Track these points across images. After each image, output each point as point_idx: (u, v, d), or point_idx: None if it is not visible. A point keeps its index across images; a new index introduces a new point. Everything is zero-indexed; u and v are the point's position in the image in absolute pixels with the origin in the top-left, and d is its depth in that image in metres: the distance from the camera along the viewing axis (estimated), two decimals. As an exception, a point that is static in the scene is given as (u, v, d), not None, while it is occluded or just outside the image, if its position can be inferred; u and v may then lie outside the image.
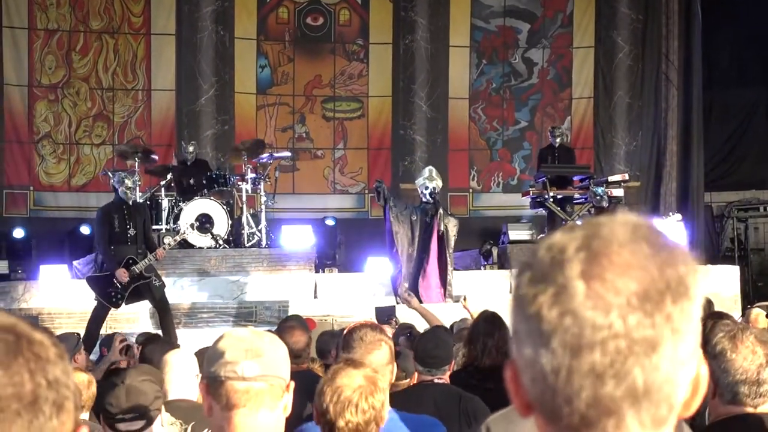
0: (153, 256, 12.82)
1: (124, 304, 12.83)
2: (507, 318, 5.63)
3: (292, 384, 2.80)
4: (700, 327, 1.29)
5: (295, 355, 4.97)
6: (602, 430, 1.24)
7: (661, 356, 1.23)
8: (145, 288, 12.86)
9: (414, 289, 13.61)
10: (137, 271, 12.68)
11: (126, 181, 12.92)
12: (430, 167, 14.53)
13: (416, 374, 6.27)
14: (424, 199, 13.98)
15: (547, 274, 1.26)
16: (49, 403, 1.24)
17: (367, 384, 3.48)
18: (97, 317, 12.70)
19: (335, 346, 6.79)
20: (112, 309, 12.89)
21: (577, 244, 1.27)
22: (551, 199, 16.81)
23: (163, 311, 12.97)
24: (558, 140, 18.23)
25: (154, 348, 7.00)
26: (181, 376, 4.99)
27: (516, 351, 1.30)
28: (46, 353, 1.27)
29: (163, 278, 14.07)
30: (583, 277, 1.24)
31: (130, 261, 12.67)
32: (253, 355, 2.69)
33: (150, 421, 4.05)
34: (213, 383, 2.75)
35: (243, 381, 2.69)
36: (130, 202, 12.96)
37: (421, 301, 12.66)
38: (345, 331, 4.61)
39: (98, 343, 10.78)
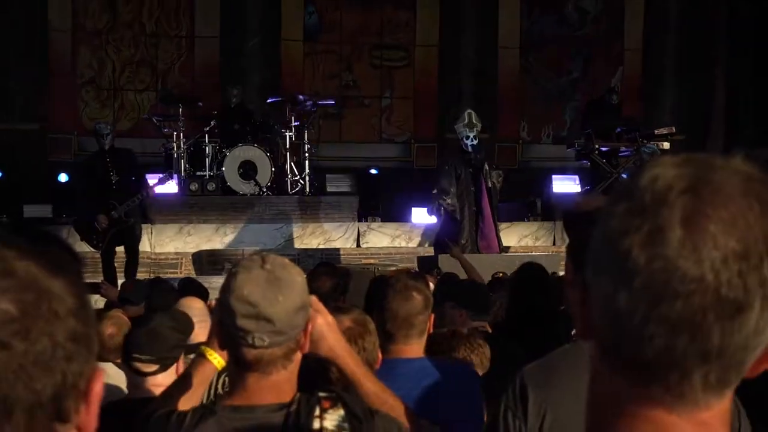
0: (137, 199, 13.42)
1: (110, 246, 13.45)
2: (551, 268, 5.60)
3: (310, 327, 2.69)
4: None
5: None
6: (665, 380, 1.19)
7: (745, 321, 1.16)
8: (126, 233, 13.42)
9: (473, 246, 13.30)
10: (116, 216, 13.16)
11: (102, 129, 13.67)
12: (469, 111, 13.63)
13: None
14: (464, 149, 13.29)
15: (646, 210, 1.17)
16: (68, 356, 1.19)
17: (355, 326, 3.45)
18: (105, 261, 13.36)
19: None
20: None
21: (684, 184, 1.18)
22: (596, 152, 16.62)
23: (131, 258, 13.53)
24: (614, 99, 18.06)
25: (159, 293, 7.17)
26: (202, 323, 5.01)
27: (592, 278, 1.23)
28: (66, 307, 1.20)
29: (206, 225, 14.24)
30: (683, 223, 1.16)
31: (111, 206, 13.17)
32: (264, 324, 2.58)
33: (164, 367, 4.05)
34: (224, 334, 2.66)
35: (253, 349, 2.60)
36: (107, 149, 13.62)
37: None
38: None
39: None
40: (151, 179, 14.17)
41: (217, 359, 3.04)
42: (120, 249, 13.58)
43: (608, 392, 1.25)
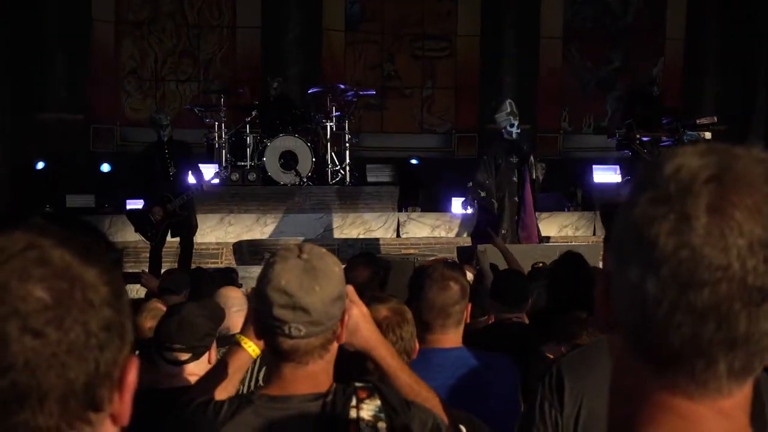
0: (192, 192, 13.35)
1: (162, 238, 13.40)
2: (591, 258, 5.52)
3: (346, 317, 2.70)
4: None
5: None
6: (690, 368, 1.20)
7: None
8: (181, 226, 13.36)
9: (513, 236, 13.19)
10: (171, 209, 13.12)
11: (162, 120, 13.49)
12: (509, 101, 13.64)
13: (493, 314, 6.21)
14: (508, 137, 13.15)
15: (671, 198, 1.19)
16: (101, 345, 1.21)
17: (392, 315, 3.46)
18: (154, 251, 13.36)
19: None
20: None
21: (709, 173, 1.19)
22: (637, 141, 16.50)
23: (186, 250, 13.49)
24: (656, 91, 17.91)
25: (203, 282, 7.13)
26: (241, 312, 5.00)
27: (616, 268, 1.24)
28: (100, 296, 1.22)
29: (247, 215, 14.22)
30: (709, 211, 1.17)
31: (166, 198, 13.12)
32: (301, 314, 2.58)
33: (196, 356, 4.06)
34: (260, 323, 2.67)
35: (290, 339, 2.61)
36: (166, 141, 13.48)
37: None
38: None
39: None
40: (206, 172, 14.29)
41: (252, 347, 3.06)
42: (170, 241, 13.60)
43: (631, 382, 1.26)
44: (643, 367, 1.24)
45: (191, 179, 13.59)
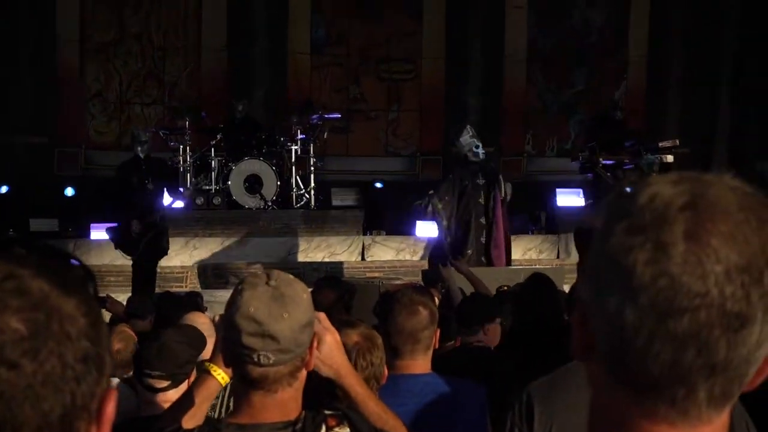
0: (168, 207, 13.53)
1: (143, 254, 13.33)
2: (555, 281, 5.53)
3: (315, 343, 2.70)
4: None
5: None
6: (670, 396, 1.22)
7: (749, 333, 1.19)
8: (154, 244, 13.30)
9: (487, 257, 13.13)
10: (150, 220, 13.17)
11: (141, 136, 13.60)
12: (468, 125, 13.68)
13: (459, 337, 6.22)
14: (474, 159, 13.04)
15: (647, 227, 1.20)
16: (78, 377, 1.19)
17: (363, 341, 3.47)
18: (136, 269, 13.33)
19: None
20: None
21: (683, 201, 1.21)
22: (600, 165, 16.55)
23: (147, 276, 13.37)
24: (618, 115, 17.94)
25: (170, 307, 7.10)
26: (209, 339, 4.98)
27: (593, 297, 1.26)
28: (77, 328, 1.20)
29: (211, 239, 14.16)
30: (686, 239, 1.19)
31: (145, 212, 13.15)
32: (270, 342, 2.57)
33: (176, 383, 4.03)
34: (229, 351, 2.66)
35: (259, 367, 2.59)
36: (143, 157, 13.54)
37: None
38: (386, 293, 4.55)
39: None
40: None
41: (221, 375, 3.05)
42: None
43: (610, 409, 1.27)
44: (623, 394, 1.25)
45: (167, 197, 13.64)
